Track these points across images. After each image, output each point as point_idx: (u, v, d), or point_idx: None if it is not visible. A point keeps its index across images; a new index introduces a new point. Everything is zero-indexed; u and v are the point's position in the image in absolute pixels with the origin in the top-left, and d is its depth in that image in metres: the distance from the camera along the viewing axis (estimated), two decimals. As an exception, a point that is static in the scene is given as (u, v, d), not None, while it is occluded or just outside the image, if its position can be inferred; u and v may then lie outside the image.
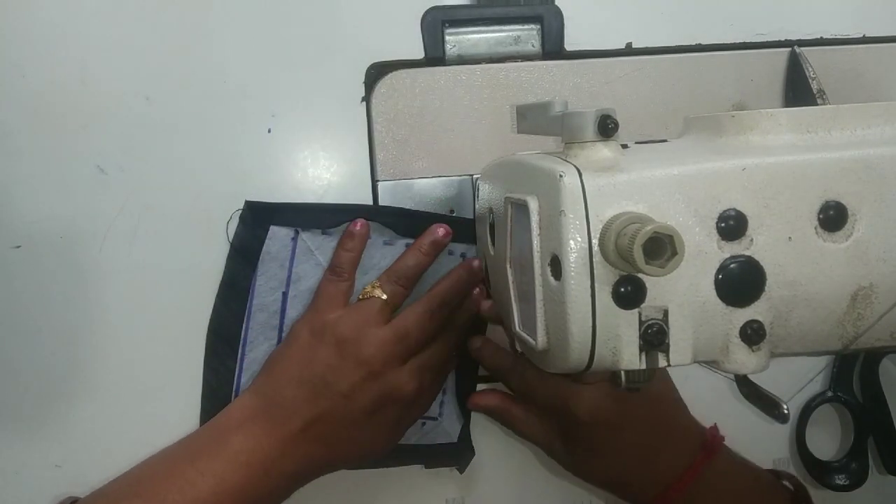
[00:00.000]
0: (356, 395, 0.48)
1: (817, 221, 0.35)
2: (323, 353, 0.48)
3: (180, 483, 0.45)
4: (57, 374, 0.53)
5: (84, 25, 0.51)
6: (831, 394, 0.61)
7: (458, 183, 0.56)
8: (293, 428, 0.47)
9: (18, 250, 0.52)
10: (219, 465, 0.46)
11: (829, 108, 0.38)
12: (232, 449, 0.47)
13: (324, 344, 0.49)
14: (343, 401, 0.48)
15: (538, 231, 0.36)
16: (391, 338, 0.49)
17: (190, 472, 0.46)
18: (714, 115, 0.40)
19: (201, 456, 0.47)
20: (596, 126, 0.35)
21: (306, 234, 0.53)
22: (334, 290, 0.51)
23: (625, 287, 0.34)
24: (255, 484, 0.46)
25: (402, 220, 0.54)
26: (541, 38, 0.56)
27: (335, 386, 0.48)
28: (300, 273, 0.53)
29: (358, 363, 0.48)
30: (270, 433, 0.47)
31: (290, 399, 0.48)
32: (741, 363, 0.35)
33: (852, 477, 0.61)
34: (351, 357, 0.48)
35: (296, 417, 0.48)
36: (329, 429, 0.48)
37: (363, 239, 0.52)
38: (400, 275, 0.52)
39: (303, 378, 0.48)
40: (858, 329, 0.36)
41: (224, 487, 0.46)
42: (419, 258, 0.52)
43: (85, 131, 0.52)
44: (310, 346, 0.49)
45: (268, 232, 0.53)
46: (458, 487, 0.58)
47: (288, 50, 0.53)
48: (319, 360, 0.48)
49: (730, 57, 0.58)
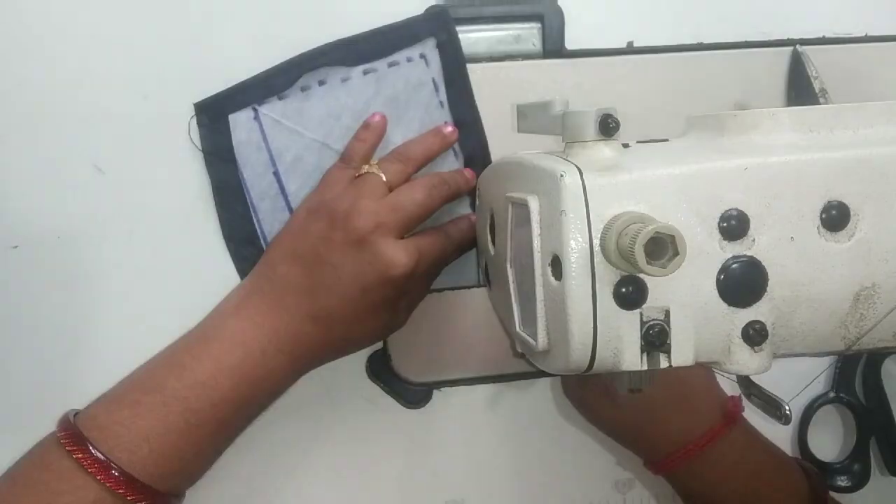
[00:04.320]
0: (345, 266, 0.46)
1: (819, 221, 0.35)
2: (315, 226, 0.47)
3: (178, 370, 0.45)
4: (54, 375, 0.53)
5: (81, 25, 0.51)
6: (833, 395, 0.61)
7: (458, 182, 0.56)
8: (287, 304, 0.47)
9: (16, 250, 0.52)
10: (215, 348, 0.46)
11: (832, 108, 0.38)
12: (227, 331, 0.46)
13: (317, 219, 0.47)
14: (333, 272, 0.46)
15: (539, 231, 0.36)
16: (384, 208, 0.46)
17: (187, 358, 0.46)
18: (716, 114, 0.40)
19: (199, 341, 0.47)
20: (597, 125, 0.35)
21: (265, 108, 0.52)
22: (339, 174, 0.50)
23: (626, 287, 0.34)
24: (252, 363, 0.46)
25: (354, 48, 0.53)
26: (541, 37, 0.56)
27: (325, 257, 0.46)
28: (279, 147, 0.52)
29: (347, 232, 0.46)
30: (265, 311, 0.47)
31: (283, 274, 0.47)
32: (743, 364, 0.35)
33: (854, 478, 0.61)
34: (341, 227, 0.46)
35: (288, 293, 0.47)
36: (322, 304, 0.46)
37: (378, 131, 0.51)
38: (402, 154, 0.51)
39: (296, 252, 0.47)
40: (861, 329, 0.36)
41: (220, 368, 0.45)
42: (426, 145, 0.52)
43: (82, 130, 0.51)
44: (305, 221, 0.48)
45: (229, 122, 0.52)
46: (459, 487, 0.58)
47: (287, 49, 0.53)
48: (311, 233, 0.47)
49: (732, 56, 0.57)
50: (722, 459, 0.50)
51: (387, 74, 0.53)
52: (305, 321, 0.47)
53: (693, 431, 0.50)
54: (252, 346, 0.46)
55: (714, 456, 0.50)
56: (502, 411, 0.58)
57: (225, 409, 0.45)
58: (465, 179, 0.53)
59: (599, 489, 0.60)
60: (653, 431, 0.51)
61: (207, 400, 0.45)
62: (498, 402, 0.58)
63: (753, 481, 0.51)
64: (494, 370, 0.57)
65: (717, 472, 0.50)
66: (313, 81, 0.52)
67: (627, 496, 0.60)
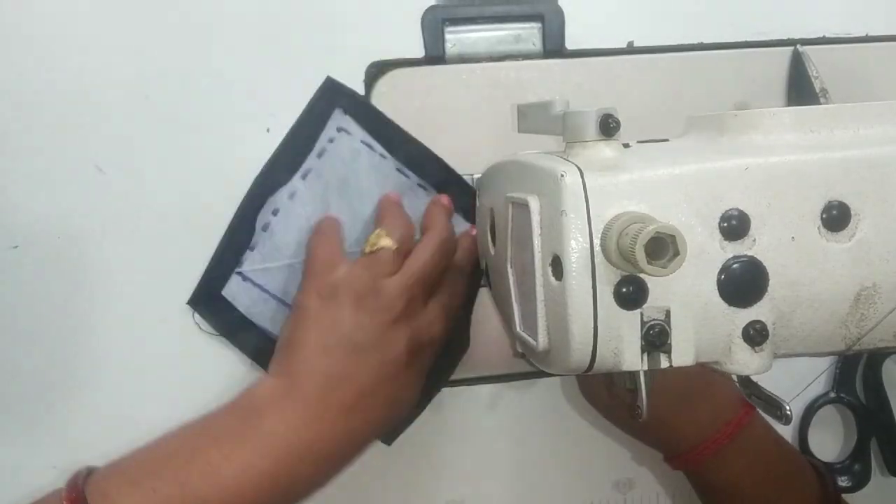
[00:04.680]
0: (390, 346, 0.45)
1: (820, 221, 0.35)
2: (342, 313, 0.45)
3: (202, 465, 0.42)
4: (55, 375, 0.53)
5: (82, 24, 0.51)
6: (834, 395, 0.61)
7: (458, 182, 0.56)
8: (331, 401, 0.44)
9: (16, 250, 0.52)
10: (246, 450, 0.42)
11: (832, 108, 0.38)
12: (261, 432, 0.43)
13: (340, 305, 0.45)
14: (374, 354, 0.45)
15: (539, 231, 0.36)
16: (409, 281, 0.46)
17: (214, 456, 0.42)
18: (716, 114, 0.40)
19: (227, 439, 0.43)
20: (597, 125, 0.35)
21: (246, 265, 0.53)
22: (327, 249, 0.49)
23: (626, 287, 0.34)
24: (286, 471, 0.43)
25: (280, 164, 0.53)
26: (542, 37, 0.56)
27: (363, 343, 0.44)
28: (277, 286, 0.53)
29: (381, 312, 0.45)
30: (305, 414, 0.43)
31: (318, 369, 0.44)
32: (743, 364, 0.35)
33: (855, 478, 0.61)
34: (373, 309, 0.45)
35: (331, 387, 0.44)
36: (364, 391, 0.44)
37: (333, 228, 0.51)
38: (406, 219, 0.50)
39: (328, 345, 0.45)
40: (861, 330, 0.36)
41: (250, 474, 0.42)
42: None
43: (83, 130, 0.51)
44: (325, 310, 0.45)
45: (226, 299, 0.53)
46: (459, 487, 0.58)
47: (287, 48, 0.53)
48: (342, 322, 0.45)
49: (732, 56, 0.57)
50: (744, 450, 0.49)
51: (323, 164, 0.53)
52: (349, 418, 0.44)
53: (714, 424, 0.49)
54: (288, 452, 0.43)
55: (737, 446, 0.49)
56: (503, 411, 0.58)
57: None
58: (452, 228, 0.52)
59: (599, 489, 0.60)
60: (679, 422, 0.50)
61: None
62: (498, 403, 0.58)
63: (772, 472, 0.50)
64: (495, 370, 0.57)
65: (741, 462, 0.50)
66: (269, 216, 0.53)
67: (627, 496, 0.60)
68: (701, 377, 0.50)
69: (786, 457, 0.52)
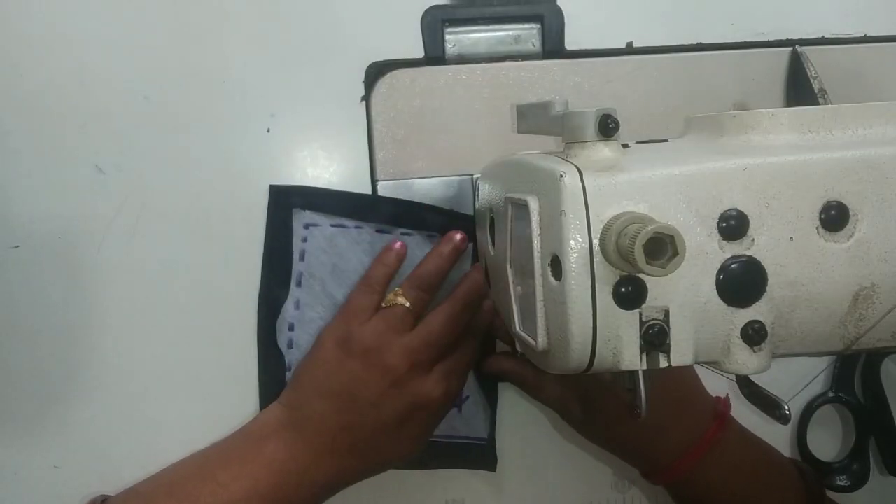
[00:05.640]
0: (384, 404, 0.48)
1: (819, 221, 0.35)
2: (348, 364, 0.48)
3: (212, 486, 0.46)
4: (55, 375, 0.53)
5: (82, 25, 0.51)
6: (832, 394, 0.61)
7: (457, 183, 0.56)
8: (324, 440, 0.48)
9: (17, 250, 0.52)
10: (252, 470, 0.46)
11: (831, 108, 0.38)
12: (265, 456, 0.47)
13: (349, 355, 0.48)
14: (372, 411, 0.48)
15: (538, 231, 0.36)
16: (416, 345, 0.48)
17: (223, 476, 0.46)
18: (715, 114, 0.40)
19: (234, 461, 0.47)
20: (596, 126, 0.35)
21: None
22: (363, 301, 0.50)
23: (625, 287, 0.34)
24: (286, 491, 0.47)
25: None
26: (541, 38, 0.56)
27: (362, 397, 0.47)
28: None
29: (384, 372, 0.47)
30: (301, 444, 0.48)
31: (319, 412, 0.48)
32: (742, 364, 0.35)
33: (853, 478, 0.61)
34: (376, 366, 0.48)
35: (325, 430, 0.48)
36: (358, 440, 0.48)
37: (400, 258, 0.52)
38: (422, 281, 0.51)
39: (331, 390, 0.48)
40: (860, 329, 0.36)
41: (257, 491, 0.46)
42: (440, 263, 0.52)
43: (83, 131, 0.52)
44: (336, 357, 0.49)
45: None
46: (459, 487, 0.58)
47: (287, 49, 0.53)
48: (345, 372, 0.48)
49: (731, 56, 0.58)
50: (720, 462, 0.50)
51: (309, 264, 0.54)
52: (342, 455, 0.48)
53: (691, 437, 0.50)
54: (289, 475, 0.47)
55: (712, 459, 0.50)
56: (503, 411, 0.58)
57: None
58: (479, 281, 0.52)
59: (599, 489, 0.60)
60: (651, 442, 0.51)
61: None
62: (498, 402, 0.58)
63: (751, 480, 0.51)
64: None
65: (716, 474, 0.50)
66: (287, 333, 0.54)
67: (627, 496, 0.60)
68: (675, 391, 0.51)
69: (764, 461, 0.52)
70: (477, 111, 0.56)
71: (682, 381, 0.51)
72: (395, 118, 0.55)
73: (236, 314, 0.54)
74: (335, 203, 0.54)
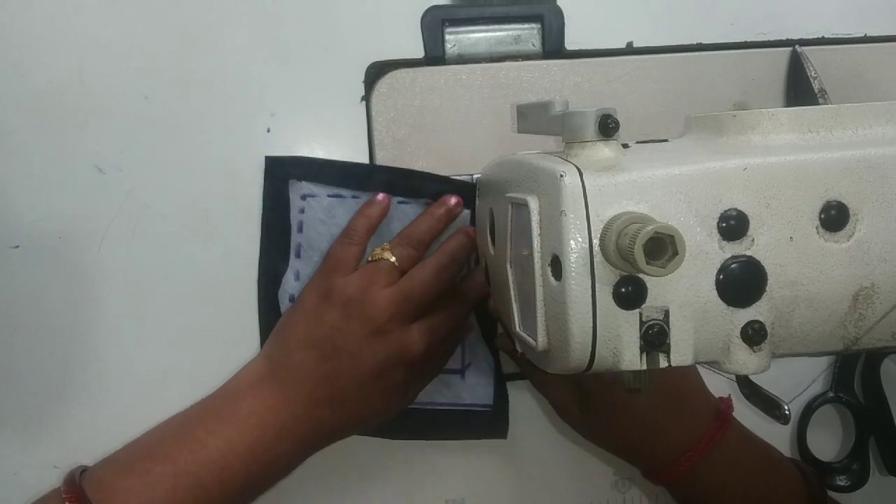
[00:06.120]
0: (363, 354, 0.47)
1: (819, 221, 0.35)
2: (329, 314, 0.48)
3: (191, 444, 0.46)
4: (55, 375, 0.53)
5: (83, 25, 0.51)
6: (832, 394, 0.61)
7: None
8: (302, 391, 0.47)
9: (17, 250, 0.52)
10: (229, 427, 0.46)
11: (831, 108, 0.38)
12: (242, 411, 0.47)
13: (330, 306, 0.48)
14: (350, 360, 0.47)
15: (538, 231, 0.36)
16: (398, 296, 0.48)
17: (200, 433, 0.46)
18: (715, 114, 0.40)
19: (212, 418, 0.47)
20: (596, 125, 0.35)
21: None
22: (344, 253, 0.50)
23: (625, 287, 0.34)
24: (264, 446, 0.46)
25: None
26: (541, 38, 0.56)
27: (342, 346, 0.47)
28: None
29: (363, 322, 0.47)
30: (280, 397, 0.47)
31: (298, 362, 0.48)
32: (742, 364, 0.35)
33: (853, 478, 0.61)
34: (356, 316, 0.47)
35: (304, 380, 0.47)
36: (337, 391, 0.48)
37: (383, 209, 0.52)
38: (411, 239, 0.51)
39: (309, 340, 0.48)
40: (860, 329, 0.36)
41: (233, 448, 0.46)
42: (431, 223, 0.52)
43: (83, 131, 0.52)
44: (316, 308, 0.49)
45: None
46: (459, 487, 0.58)
47: (287, 49, 0.53)
48: (326, 322, 0.48)
49: (731, 56, 0.58)
50: (721, 462, 0.50)
51: (307, 235, 0.54)
52: (320, 406, 0.48)
53: (691, 437, 0.50)
54: (266, 430, 0.47)
55: (713, 459, 0.50)
56: (502, 411, 0.58)
57: (234, 487, 0.46)
58: (469, 240, 0.52)
59: (599, 489, 0.60)
60: (651, 442, 0.51)
61: (218, 477, 0.45)
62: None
63: (752, 480, 0.51)
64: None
65: (717, 475, 0.50)
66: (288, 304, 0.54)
67: (627, 496, 0.60)
68: (676, 391, 0.51)
69: (766, 461, 0.52)
70: (477, 111, 0.56)
71: (684, 380, 0.51)
72: (395, 118, 0.55)
73: (236, 314, 0.54)
74: (332, 173, 0.54)
